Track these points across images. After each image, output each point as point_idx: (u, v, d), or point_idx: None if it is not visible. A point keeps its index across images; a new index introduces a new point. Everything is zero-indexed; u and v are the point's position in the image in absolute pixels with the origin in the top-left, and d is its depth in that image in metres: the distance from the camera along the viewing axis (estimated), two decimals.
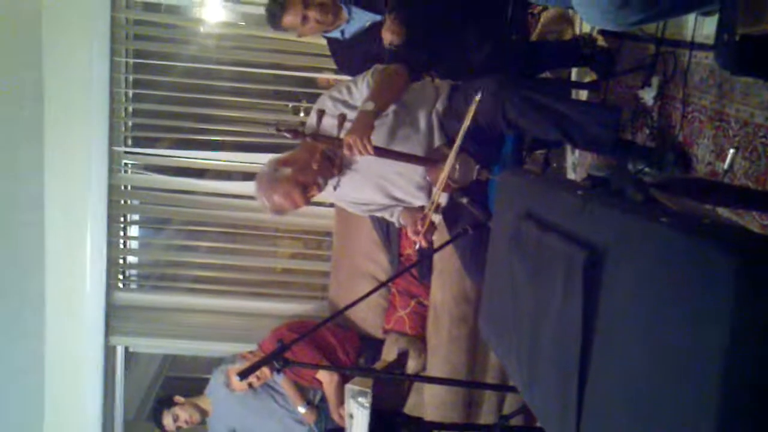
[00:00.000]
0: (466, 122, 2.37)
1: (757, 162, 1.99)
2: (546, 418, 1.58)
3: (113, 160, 4.22)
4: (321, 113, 2.52)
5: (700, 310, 0.99)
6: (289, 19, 3.00)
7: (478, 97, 2.34)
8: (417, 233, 2.66)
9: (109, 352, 4.44)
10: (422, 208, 2.84)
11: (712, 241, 0.99)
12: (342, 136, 2.46)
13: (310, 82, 4.54)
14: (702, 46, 2.28)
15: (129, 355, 4.69)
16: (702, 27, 2.27)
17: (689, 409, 0.99)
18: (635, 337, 1.16)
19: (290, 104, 4.67)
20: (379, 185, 2.84)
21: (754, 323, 0.92)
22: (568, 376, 1.36)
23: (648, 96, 2.58)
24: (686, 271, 1.04)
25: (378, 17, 3.08)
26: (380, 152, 2.52)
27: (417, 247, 2.87)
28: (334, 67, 3.52)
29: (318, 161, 2.59)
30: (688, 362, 1.01)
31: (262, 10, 3.17)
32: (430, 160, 2.64)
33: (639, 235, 1.20)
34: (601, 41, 2.94)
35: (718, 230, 1.05)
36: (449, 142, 2.61)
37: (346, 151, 2.45)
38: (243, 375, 2.34)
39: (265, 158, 2.88)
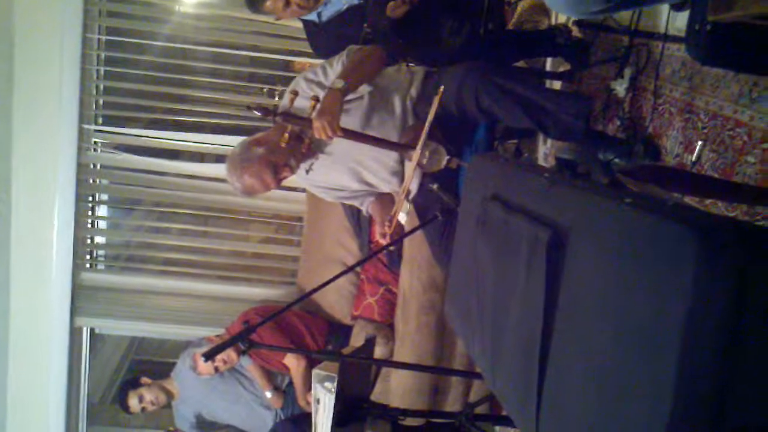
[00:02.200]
0: (431, 115, 2.36)
1: (724, 154, 2.01)
2: (508, 401, 1.58)
3: (83, 138, 4.16)
4: (294, 94, 2.50)
5: (661, 290, 0.99)
6: (272, 2, 2.97)
7: (441, 89, 2.34)
8: (384, 236, 2.66)
9: (74, 334, 4.39)
10: (392, 200, 2.84)
11: (675, 222, 0.99)
12: (313, 116, 2.44)
13: (286, 66, 4.51)
14: (674, 38, 2.29)
15: (95, 338, 4.64)
16: (675, 19, 2.28)
17: (649, 388, 0.99)
18: (597, 317, 1.16)
19: (265, 87, 4.64)
20: (352, 170, 2.84)
21: (714, 303, 0.92)
22: (530, 356, 1.36)
23: (620, 87, 2.60)
24: (648, 252, 1.04)
25: (355, 1, 3.06)
26: (349, 135, 2.51)
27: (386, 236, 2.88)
28: (310, 50, 3.49)
29: (286, 140, 2.56)
30: (649, 341, 1.01)
31: None
32: (401, 145, 2.63)
33: (603, 216, 1.20)
34: (576, 32, 2.95)
35: (681, 212, 1.05)
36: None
37: (315, 134, 2.44)
38: (208, 356, 2.30)
39: (238, 141, 2.86)
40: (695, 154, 2.11)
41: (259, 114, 2.47)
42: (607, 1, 1.81)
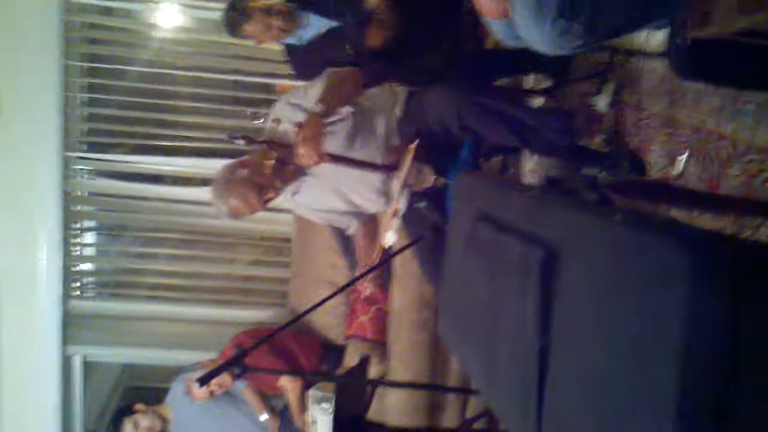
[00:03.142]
0: (405, 170, 2.40)
1: (709, 167, 2.04)
2: (507, 418, 1.59)
3: (67, 165, 4.15)
4: (276, 122, 2.52)
5: (655, 306, 1.00)
6: (252, 27, 2.98)
7: (413, 147, 2.37)
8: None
9: (66, 363, 4.37)
10: (377, 227, 2.88)
11: (665, 237, 1.01)
12: (296, 143, 2.46)
13: (268, 88, 4.52)
14: (654, 54, 2.32)
15: (87, 366, 4.61)
16: (654, 35, 2.32)
17: (650, 402, 1.00)
18: (592, 333, 1.17)
19: (248, 110, 4.65)
20: (338, 191, 2.84)
21: (709, 317, 0.93)
22: (528, 373, 1.37)
23: (601, 103, 2.63)
24: (640, 267, 1.05)
25: (334, 23, 3.08)
26: (334, 159, 2.53)
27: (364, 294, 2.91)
28: (291, 72, 3.51)
29: (271, 165, 2.56)
30: (646, 356, 1.02)
31: (217, 15, 3.15)
32: (386, 167, 2.65)
33: (593, 233, 1.22)
34: None
35: (671, 227, 1.07)
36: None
37: (299, 161, 2.46)
38: (203, 381, 2.30)
39: (222, 164, 2.86)
40: (679, 167, 2.14)
41: (242, 143, 2.47)
42: (587, 36, 1.84)
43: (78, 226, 4.44)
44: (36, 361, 4.26)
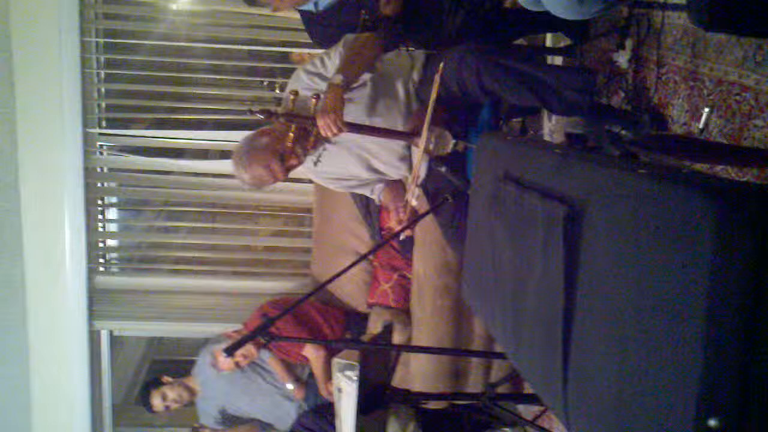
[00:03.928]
0: (433, 95, 2.36)
1: (732, 120, 2.01)
2: (533, 377, 1.59)
3: (88, 142, 4.16)
4: (294, 94, 2.50)
5: (681, 258, 0.99)
6: None
7: (441, 66, 2.34)
8: (400, 222, 2.67)
9: (93, 337, 4.42)
10: (402, 188, 2.85)
11: (691, 189, 0.99)
12: (316, 114, 2.44)
13: (285, 58, 4.50)
14: (674, 6, 2.29)
15: (114, 340, 4.67)
16: None
17: (675, 355, 1.00)
18: (618, 288, 1.17)
19: (265, 80, 4.64)
20: (360, 158, 2.83)
21: (735, 267, 0.92)
22: (553, 332, 1.37)
23: (622, 59, 2.59)
24: (666, 219, 1.04)
25: None
26: (354, 128, 2.51)
27: (402, 237, 2.90)
28: (308, 41, 3.49)
29: (291, 139, 2.54)
30: (671, 309, 1.01)
31: None
32: (406, 134, 2.63)
33: (617, 187, 1.20)
34: None
35: (697, 178, 1.05)
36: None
37: (320, 132, 2.45)
38: (229, 351, 2.31)
39: (241, 136, 2.85)
40: (702, 121, 2.11)
41: (262, 117, 2.46)
42: (605, 1, 1.81)
43: (100, 201, 4.46)
44: (63, 337, 4.31)
